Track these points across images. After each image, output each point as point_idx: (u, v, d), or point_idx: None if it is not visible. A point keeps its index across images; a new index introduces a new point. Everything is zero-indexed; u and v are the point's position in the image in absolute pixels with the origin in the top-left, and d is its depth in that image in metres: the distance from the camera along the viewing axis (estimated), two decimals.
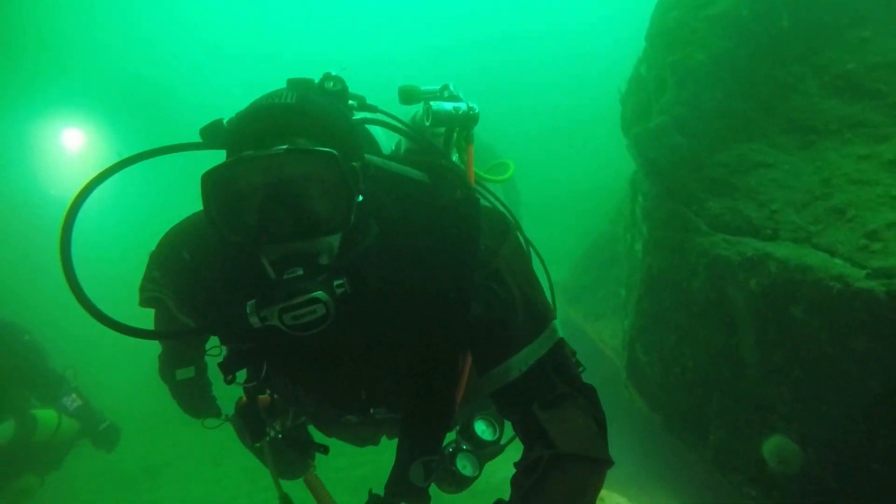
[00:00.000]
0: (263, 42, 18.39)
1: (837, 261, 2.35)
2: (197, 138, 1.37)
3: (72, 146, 11.91)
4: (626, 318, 4.03)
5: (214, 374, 2.16)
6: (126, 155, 1.37)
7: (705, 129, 3.21)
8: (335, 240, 1.23)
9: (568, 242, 8.01)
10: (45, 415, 3.76)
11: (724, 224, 2.95)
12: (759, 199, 2.90)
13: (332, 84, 1.41)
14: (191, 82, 16.13)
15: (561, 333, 1.41)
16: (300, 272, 1.16)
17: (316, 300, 1.15)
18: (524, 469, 1.25)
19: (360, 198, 1.22)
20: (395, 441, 1.75)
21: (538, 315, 1.39)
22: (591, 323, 6.12)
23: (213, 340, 1.80)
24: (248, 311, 1.20)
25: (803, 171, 2.90)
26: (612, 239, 6.55)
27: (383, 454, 1.98)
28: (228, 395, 1.90)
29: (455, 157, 1.75)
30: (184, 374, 2.08)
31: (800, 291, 2.46)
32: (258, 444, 1.78)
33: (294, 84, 1.41)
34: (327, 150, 1.16)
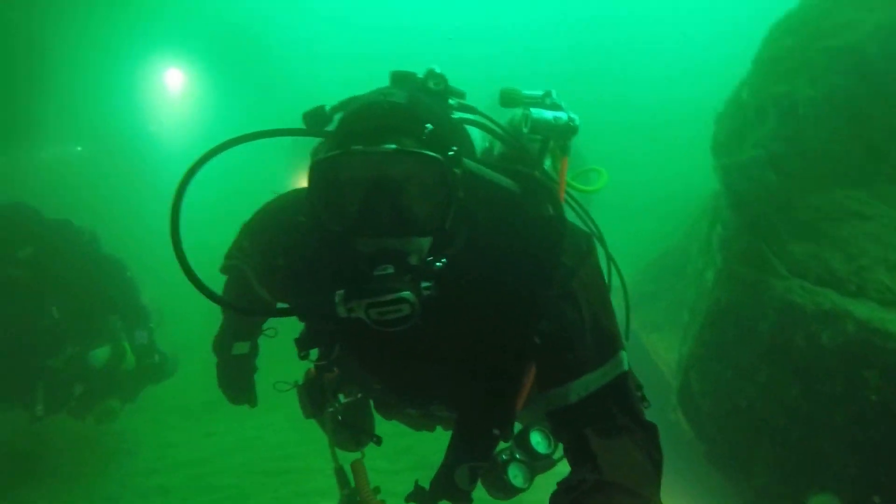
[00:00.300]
0: (359, 9, 18.65)
1: None
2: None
3: (173, 86, 12.72)
4: (686, 344, 3.98)
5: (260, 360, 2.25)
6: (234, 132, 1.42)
7: (802, 168, 3.08)
8: (426, 241, 1.26)
9: (637, 246, 7.86)
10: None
11: (805, 271, 2.86)
12: (848, 250, 2.79)
13: (434, 83, 1.42)
14: (285, 38, 16.61)
15: (628, 366, 1.40)
16: (391, 270, 1.20)
17: (403, 300, 1.18)
18: (565, 488, 1.25)
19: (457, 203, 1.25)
20: (448, 434, 1.79)
21: (606, 342, 1.39)
22: (648, 333, 6.06)
23: (272, 321, 1.92)
24: (336, 301, 1.23)
25: None
26: (683, 252, 6.39)
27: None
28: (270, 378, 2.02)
29: (548, 164, 1.74)
30: (240, 348, 2.13)
31: (878, 356, 2.38)
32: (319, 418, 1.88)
33: (400, 80, 1.44)
34: (433, 154, 1.20)
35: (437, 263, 1.29)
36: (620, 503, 1.20)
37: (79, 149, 9.97)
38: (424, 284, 1.23)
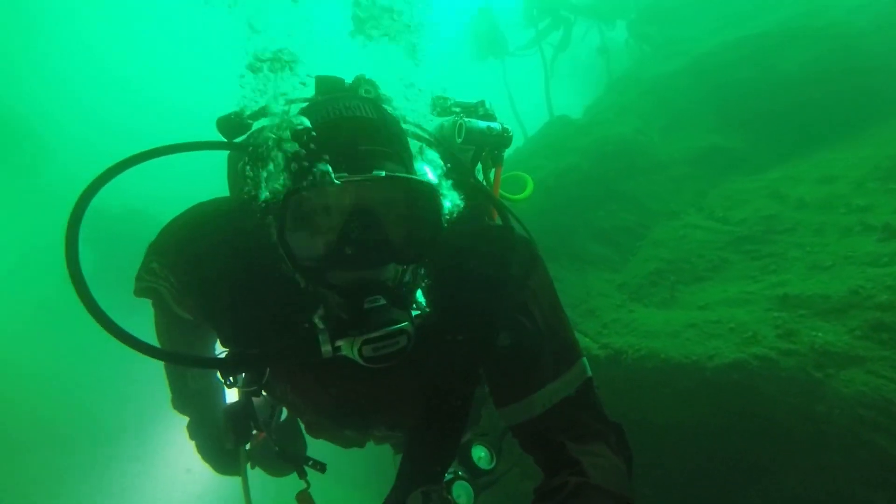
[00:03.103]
0: None
1: (588, 339, 3.91)
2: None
3: None
4: None
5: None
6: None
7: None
8: (399, 268, 1.14)
9: None
10: None
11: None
12: None
13: (364, 90, 1.27)
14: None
15: (591, 372, 1.34)
16: (382, 301, 1.07)
17: (403, 331, 1.07)
18: (546, 492, 1.16)
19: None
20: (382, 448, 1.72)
21: (565, 351, 1.32)
22: None
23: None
24: (320, 340, 1.09)
25: (576, 284, 4.56)
26: None
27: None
28: None
29: (480, 175, 1.62)
30: (196, 380, 1.79)
31: None
32: (245, 447, 1.62)
33: (331, 87, 1.28)
34: (426, 180, 1.10)
35: (419, 287, 1.20)
36: None
37: None
38: (415, 312, 1.14)
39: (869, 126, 4.72)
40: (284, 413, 1.82)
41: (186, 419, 1.89)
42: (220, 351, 1.33)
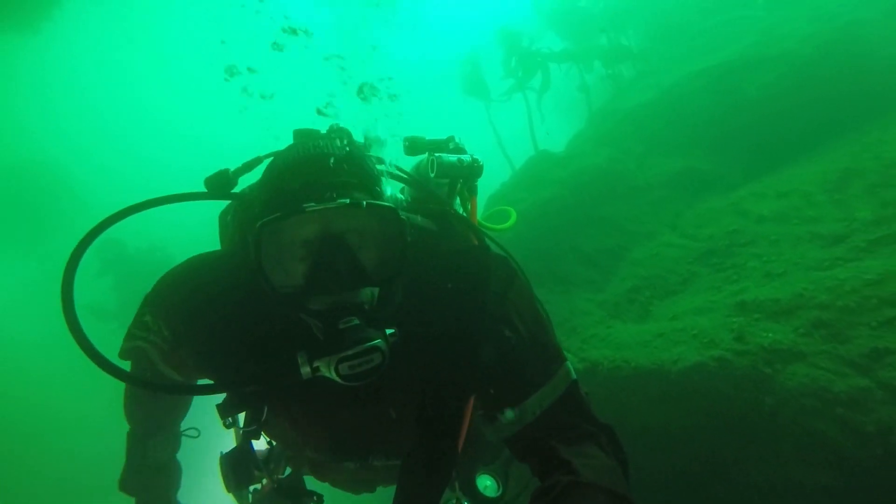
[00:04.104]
0: None
1: (570, 355, 4.20)
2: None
3: None
4: None
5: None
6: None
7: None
8: (376, 290, 1.20)
9: None
10: None
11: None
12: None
13: (337, 137, 1.34)
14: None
15: (575, 374, 1.37)
16: (356, 321, 1.12)
17: (375, 349, 1.12)
18: (539, 493, 1.15)
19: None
20: (390, 489, 1.56)
21: (550, 356, 1.35)
22: None
23: (197, 405, 1.63)
24: (299, 362, 1.14)
25: (562, 306, 4.87)
26: None
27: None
28: None
29: (458, 207, 1.70)
30: (156, 451, 1.77)
31: None
32: (243, 492, 1.65)
33: (306, 137, 1.34)
34: (388, 205, 1.15)
35: (391, 308, 1.24)
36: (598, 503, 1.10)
37: None
38: (389, 331, 1.18)
39: (825, 140, 5.07)
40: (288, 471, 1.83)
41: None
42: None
